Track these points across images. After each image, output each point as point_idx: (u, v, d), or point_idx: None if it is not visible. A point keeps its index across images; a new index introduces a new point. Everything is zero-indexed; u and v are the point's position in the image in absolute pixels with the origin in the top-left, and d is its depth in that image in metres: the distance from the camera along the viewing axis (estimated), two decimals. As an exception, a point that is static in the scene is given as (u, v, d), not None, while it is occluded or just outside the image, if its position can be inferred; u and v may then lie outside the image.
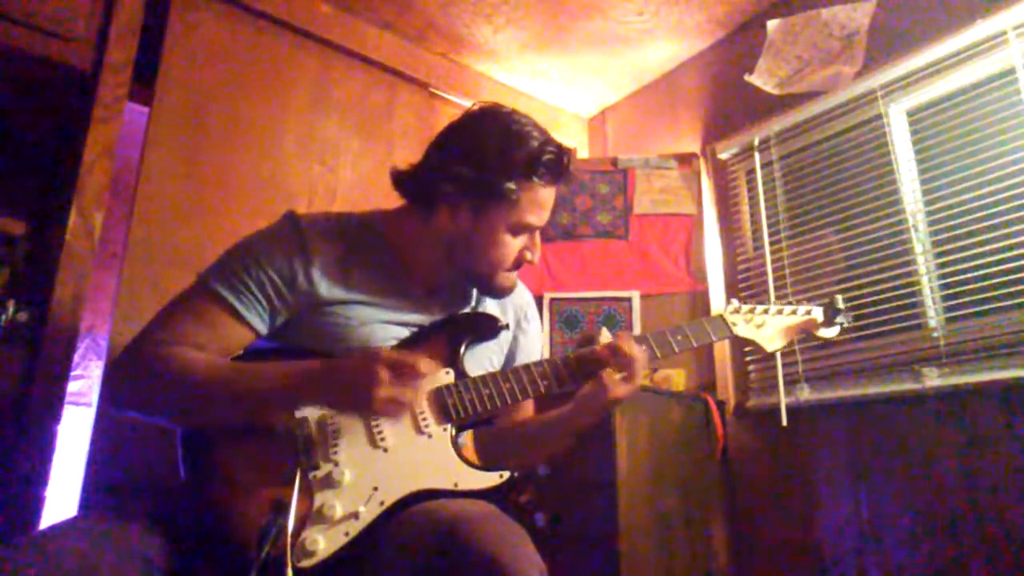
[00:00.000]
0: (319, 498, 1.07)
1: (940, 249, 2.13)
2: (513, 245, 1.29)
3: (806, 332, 1.47)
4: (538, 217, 1.29)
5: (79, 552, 0.96)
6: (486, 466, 1.17)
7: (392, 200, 1.38)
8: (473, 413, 1.20)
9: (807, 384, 2.31)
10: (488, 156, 1.24)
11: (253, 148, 2.38)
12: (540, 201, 1.28)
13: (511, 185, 1.24)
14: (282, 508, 0.94)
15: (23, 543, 0.96)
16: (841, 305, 1.46)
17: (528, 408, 1.47)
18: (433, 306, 1.34)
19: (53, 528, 1.02)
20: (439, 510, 1.04)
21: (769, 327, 1.43)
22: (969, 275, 2.04)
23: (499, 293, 1.35)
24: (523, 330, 1.48)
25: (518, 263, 1.32)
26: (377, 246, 1.32)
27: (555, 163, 1.27)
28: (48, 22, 1.91)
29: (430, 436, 1.17)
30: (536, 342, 1.51)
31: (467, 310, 1.40)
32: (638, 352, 1.25)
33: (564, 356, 1.29)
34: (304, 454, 1.09)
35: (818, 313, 1.47)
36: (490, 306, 1.42)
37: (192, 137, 2.25)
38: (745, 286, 2.60)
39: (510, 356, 1.45)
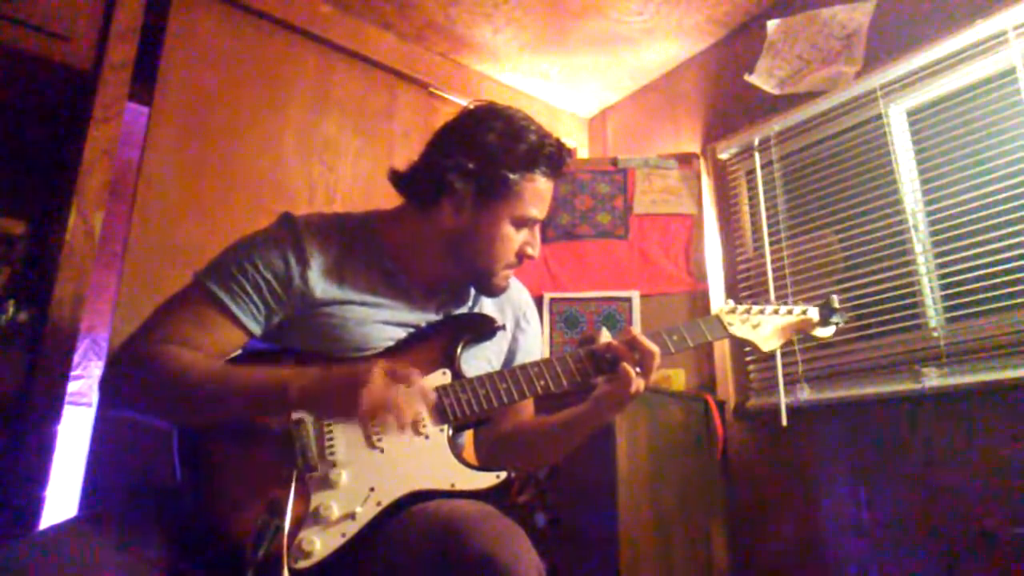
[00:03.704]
0: (316, 499, 1.07)
1: (940, 249, 2.13)
2: (515, 239, 1.30)
3: (802, 332, 1.48)
4: (539, 210, 1.31)
5: (79, 553, 0.96)
6: (488, 466, 1.18)
7: (393, 201, 1.38)
8: (470, 413, 1.20)
9: (807, 384, 2.30)
10: (491, 149, 1.26)
11: (253, 148, 2.38)
12: (541, 194, 1.30)
13: (514, 177, 1.25)
14: (278, 509, 0.94)
15: (23, 544, 0.96)
16: (837, 305, 1.47)
17: (527, 408, 1.47)
18: (430, 307, 1.34)
19: (53, 529, 1.03)
20: (437, 510, 1.05)
21: (765, 327, 1.43)
22: (969, 275, 2.03)
23: (495, 292, 1.35)
24: (522, 330, 1.48)
25: (519, 257, 1.33)
26: (374, 247, 1.32)
27: (555, 156, 1.30)
28: (48, 22, 1.91)
29: (427, 437, 1.17)
30: (536, 342, 1.51)
31: (464, 310, 1.40)
32: (655, 346, 1.26)
33: (575, 353, 1.28)
34: (301, 455, 1.09)
35: (814, 313, 1.47)
36: (488, 307, 1.42)
37: (192, 137, 2.25)
38: (745, 286, 2.60)
39: (509, 356, 1.45)
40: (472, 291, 1.41)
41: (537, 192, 1.29)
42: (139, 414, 1.16)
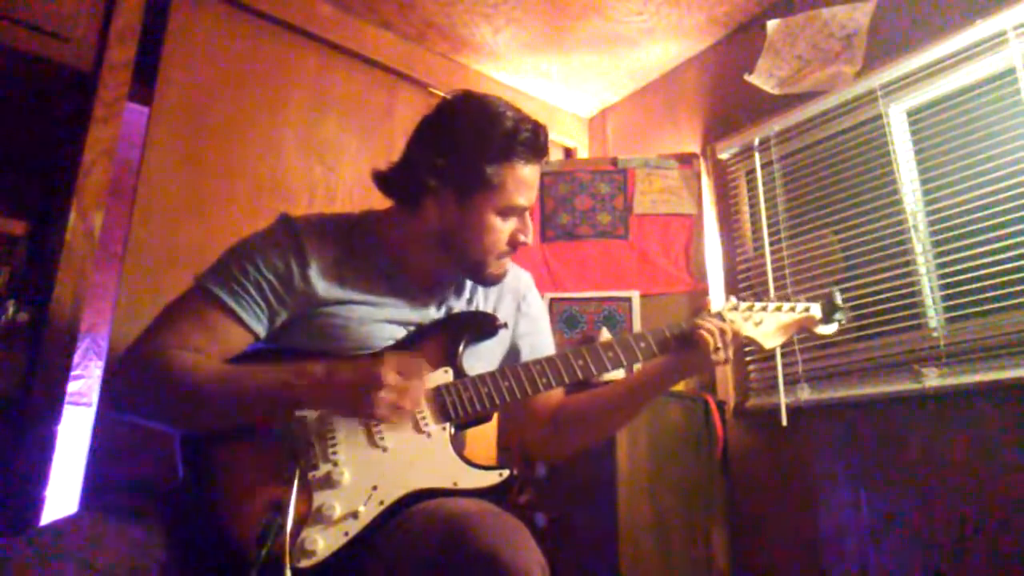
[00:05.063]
0: (318, 498, 1.07)
1: (940, 249, 2.13)
2: (504, 229, 1.28)
3: (804, 329, 1.46)
4: (525, 197, 1.28)
5: (79, 549, 0.96)
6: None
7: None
8: (472, 412, 1.20)
9: (807, 384, 2.30)
10: (465, 143, 1.24)
11: (253, 148, 2.38)
12: (524, 181, 1.27)
13: (492, 169, 1.23)
14: (281, 508, 0.94)
15: (23, 540, 0.96)
16: (839, 301, 1.44)
17: (553, 397, 1.43)
18: (430, 304, 1.34)
19: (53, 525, 1.03)
20: (439, 508, 1.05)
21: (767, 324, 1.42)
22: (969, 275, 2.03)
23: (492, 281, 1.34)
24: (524, 314, 1.46)
25: (512, 246, 1.31)
26: (372, 246, 1.32)
27: (533, 140, 1.26)
28: (48, 22, 1.91)
29: (429, 435, 1.17)
30: (540, 323, 1.49)
31: (464, 307, 1.39)
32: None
33: (576, 350, 1.28)
34: (303, 454, 1.09)
35: (816, 310, 1.45)
36: (484, 296, 1.41)
37: (192, 137, 2.25)
38: (745, 286, 2.60)
39: (513, 345, 1.44)
40: (468, 284, 1.40)
41: (519, 180, 1.26)
42: (144, 420, 1.16)
